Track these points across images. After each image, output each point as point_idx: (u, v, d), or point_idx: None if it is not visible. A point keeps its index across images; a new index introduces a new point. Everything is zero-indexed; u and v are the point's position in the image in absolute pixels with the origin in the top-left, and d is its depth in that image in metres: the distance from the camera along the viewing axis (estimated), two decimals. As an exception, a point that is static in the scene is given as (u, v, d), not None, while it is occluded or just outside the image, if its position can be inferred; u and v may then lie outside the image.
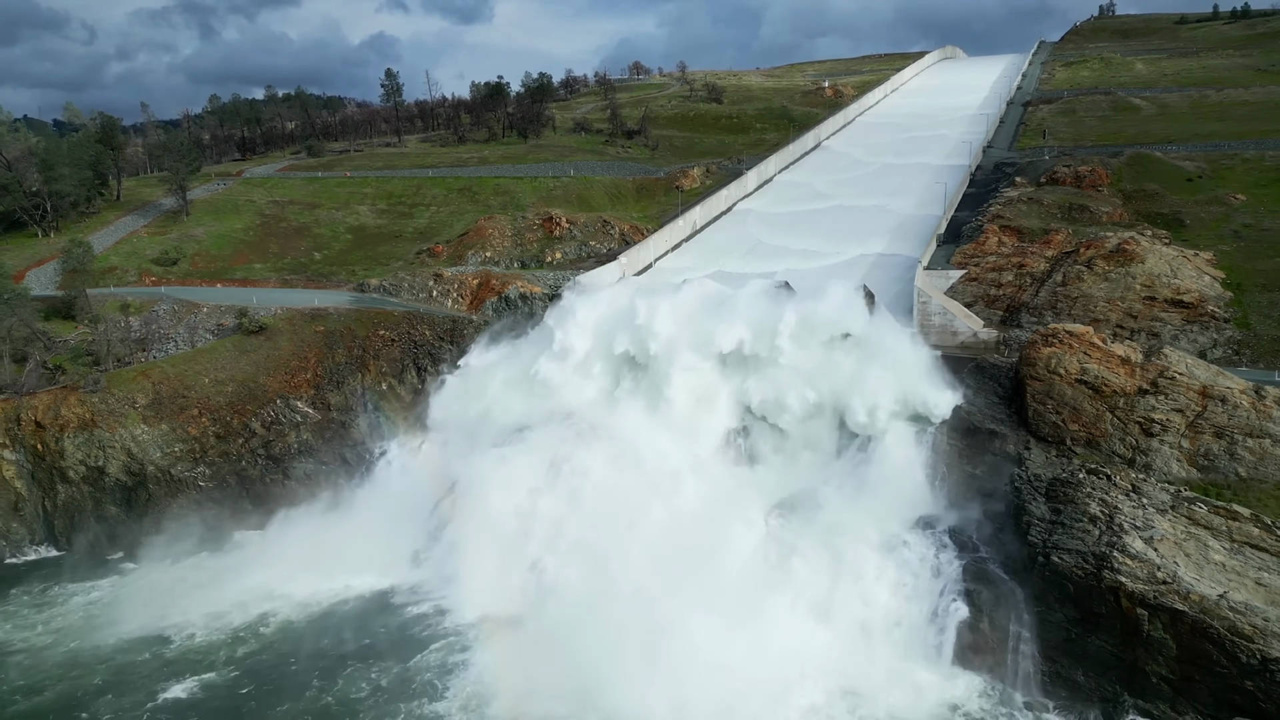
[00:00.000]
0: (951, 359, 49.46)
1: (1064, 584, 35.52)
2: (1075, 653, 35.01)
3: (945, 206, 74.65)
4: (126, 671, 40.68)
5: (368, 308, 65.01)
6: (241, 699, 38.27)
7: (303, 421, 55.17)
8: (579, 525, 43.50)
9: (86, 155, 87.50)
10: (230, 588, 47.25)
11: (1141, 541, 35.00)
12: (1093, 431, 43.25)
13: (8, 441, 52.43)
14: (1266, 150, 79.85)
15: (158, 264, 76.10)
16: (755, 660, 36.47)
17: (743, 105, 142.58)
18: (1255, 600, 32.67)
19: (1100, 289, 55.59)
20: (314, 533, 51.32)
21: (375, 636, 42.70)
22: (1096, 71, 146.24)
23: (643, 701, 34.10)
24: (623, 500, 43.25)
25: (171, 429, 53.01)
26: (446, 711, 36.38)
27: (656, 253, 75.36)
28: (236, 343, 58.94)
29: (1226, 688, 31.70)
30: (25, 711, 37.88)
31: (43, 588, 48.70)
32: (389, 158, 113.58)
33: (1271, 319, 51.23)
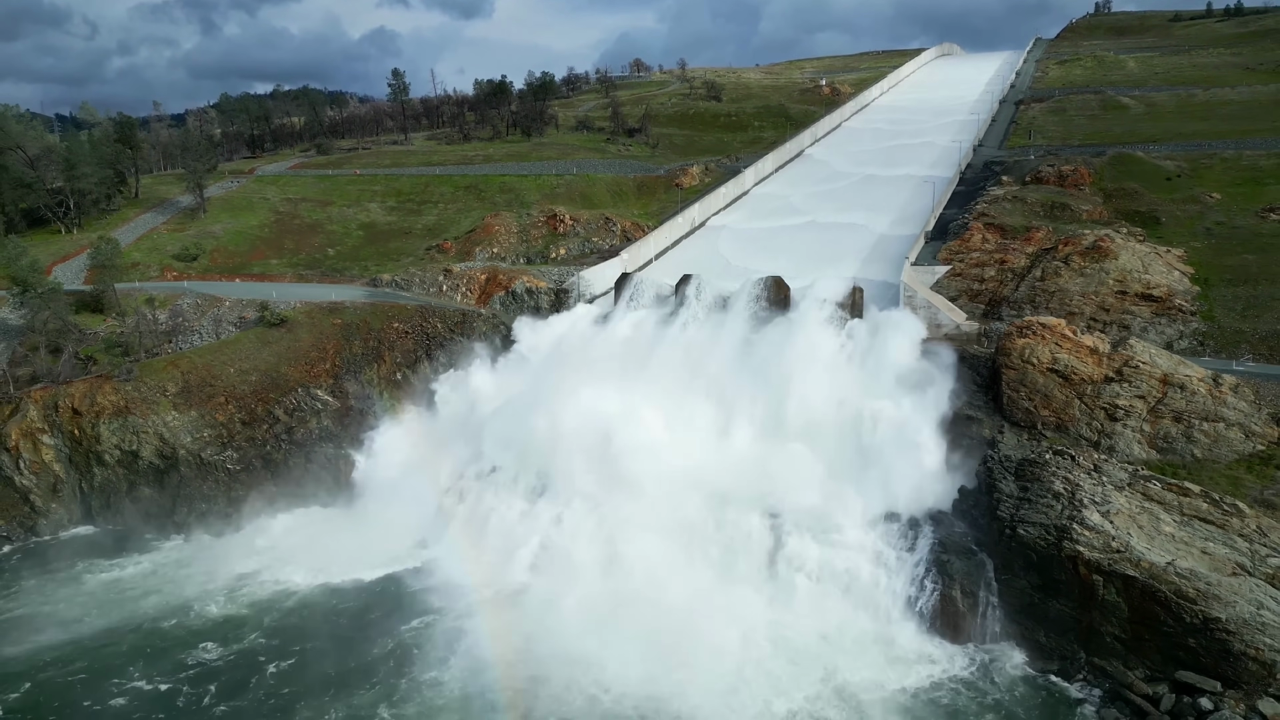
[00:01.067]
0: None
1: (1028, 554, 38.83)
2: (1037, 616, 38.35)
3: (934, 204, 77.64)
4: (155, 639, 43.50)
5: (382, 301, 68.26)
6: (263, 664, 40.93)
7: (323, 409, 58.47)
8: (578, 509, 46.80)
9: (107, 154, 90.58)
10: (255, 562, 50.39)
11: (1099, 515, 38.30)
12: (1062, 417, 46.56)
13: (46, 427, 55.75)
14: (1244, 150, 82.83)
15: (178, 260, 79.27)
16: (742, 624, 39.81)
17: (741, 103, 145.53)
18: (1200, 567, 35.97)
19: (1076, 284, 58.80)
20: (334, 513, 54.87)
21: (389, 609, 45.46)
22: (1089, 70, 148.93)
23: (646, 677, 36.94)
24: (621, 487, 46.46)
25: (200, 415, 56.34)
26: (450, 677, 39.07)
27: (658, 248, 78.55)
28: (259, 334, 62.21)
29: (1172, 645, 35.01)
30: (60, 677, 40.53)
31: (80, 563, 51.75)
32: (396, 155, 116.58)
33: (1234, 312, 54.46)
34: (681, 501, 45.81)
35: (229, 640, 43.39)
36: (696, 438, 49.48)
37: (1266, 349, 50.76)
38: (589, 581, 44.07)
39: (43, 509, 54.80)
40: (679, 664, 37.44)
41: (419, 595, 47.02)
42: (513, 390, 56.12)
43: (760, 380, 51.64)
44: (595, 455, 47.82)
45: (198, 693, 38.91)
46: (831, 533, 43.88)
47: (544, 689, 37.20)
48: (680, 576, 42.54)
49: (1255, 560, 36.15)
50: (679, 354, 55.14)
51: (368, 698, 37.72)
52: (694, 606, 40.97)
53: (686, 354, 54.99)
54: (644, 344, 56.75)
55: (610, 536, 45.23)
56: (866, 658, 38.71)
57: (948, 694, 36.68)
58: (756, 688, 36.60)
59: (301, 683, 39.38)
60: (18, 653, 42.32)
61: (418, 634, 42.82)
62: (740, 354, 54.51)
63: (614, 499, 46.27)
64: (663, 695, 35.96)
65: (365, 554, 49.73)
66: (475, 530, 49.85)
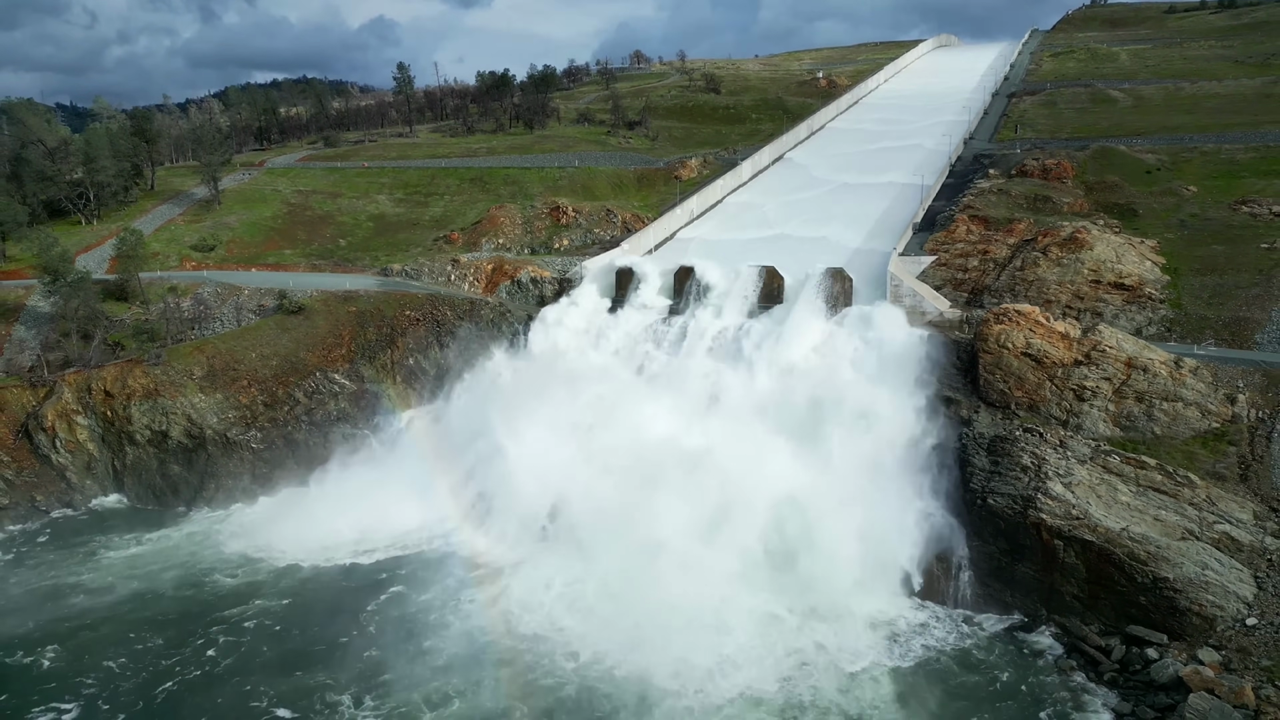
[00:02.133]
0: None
1: (997, 522, 42.29)
2: (1004, 577, 41.84)
3: (921, 197, 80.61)
4: (186, 603, 46.94)
5: (393, 290, 71.47)
6: (287, 622, 44.50)
7: (340, 391, 61.79)
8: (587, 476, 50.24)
9: (124, 147, 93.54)
10: (278, 532, 53.83)
11: (1062, 486, 41.72)
12: (1034, 397, 49.81)
13: (80, 409, 59.08)
14: (1224, 144, 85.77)
15: (196, 250, 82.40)
16: (734, 585, 43.32)
17: (740, 96, 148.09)
18: (1151, 533, 39.40)
19: (1053, 273, 61.97)
20: (351, 487, 58.12)
21: (402, 572, 48.94)
22: (1082, 62, 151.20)
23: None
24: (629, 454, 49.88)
25: (225, 398, 59.68)
26: (449, 640, 42.44)
27: (657, 239, 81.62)
28: (278, 322, 65.46)
29: (1125, 603, 38.50)
30: (97, 637, 43.89)
31: (112, 535, 55.20)
32: (402, 148, 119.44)
33: (1201, 300, 57.66)
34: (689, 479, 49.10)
35: (255, 599, 46.90)
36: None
37: (1228, 334, 53.98)
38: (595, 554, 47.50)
39: (78, 485, 58.22)
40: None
41: (427, 567, 50.34)
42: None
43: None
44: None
45: (214, 653, 42.25)
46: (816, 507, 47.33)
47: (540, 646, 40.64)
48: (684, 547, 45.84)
49: (1203, 526, 39.56)
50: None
51: (371, 657, 40.94)
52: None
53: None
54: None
55: (613, 508, 48.55)
56: (846, 618, 42.11)
57: (921, 648, 40.14)
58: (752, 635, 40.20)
59: (307, 642, 42.73)
60: (51, 616, 45.71)
61: (421, 602, 45.92)
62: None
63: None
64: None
65: (383, 520, 53.23)
66: (481, 509, 53.33)
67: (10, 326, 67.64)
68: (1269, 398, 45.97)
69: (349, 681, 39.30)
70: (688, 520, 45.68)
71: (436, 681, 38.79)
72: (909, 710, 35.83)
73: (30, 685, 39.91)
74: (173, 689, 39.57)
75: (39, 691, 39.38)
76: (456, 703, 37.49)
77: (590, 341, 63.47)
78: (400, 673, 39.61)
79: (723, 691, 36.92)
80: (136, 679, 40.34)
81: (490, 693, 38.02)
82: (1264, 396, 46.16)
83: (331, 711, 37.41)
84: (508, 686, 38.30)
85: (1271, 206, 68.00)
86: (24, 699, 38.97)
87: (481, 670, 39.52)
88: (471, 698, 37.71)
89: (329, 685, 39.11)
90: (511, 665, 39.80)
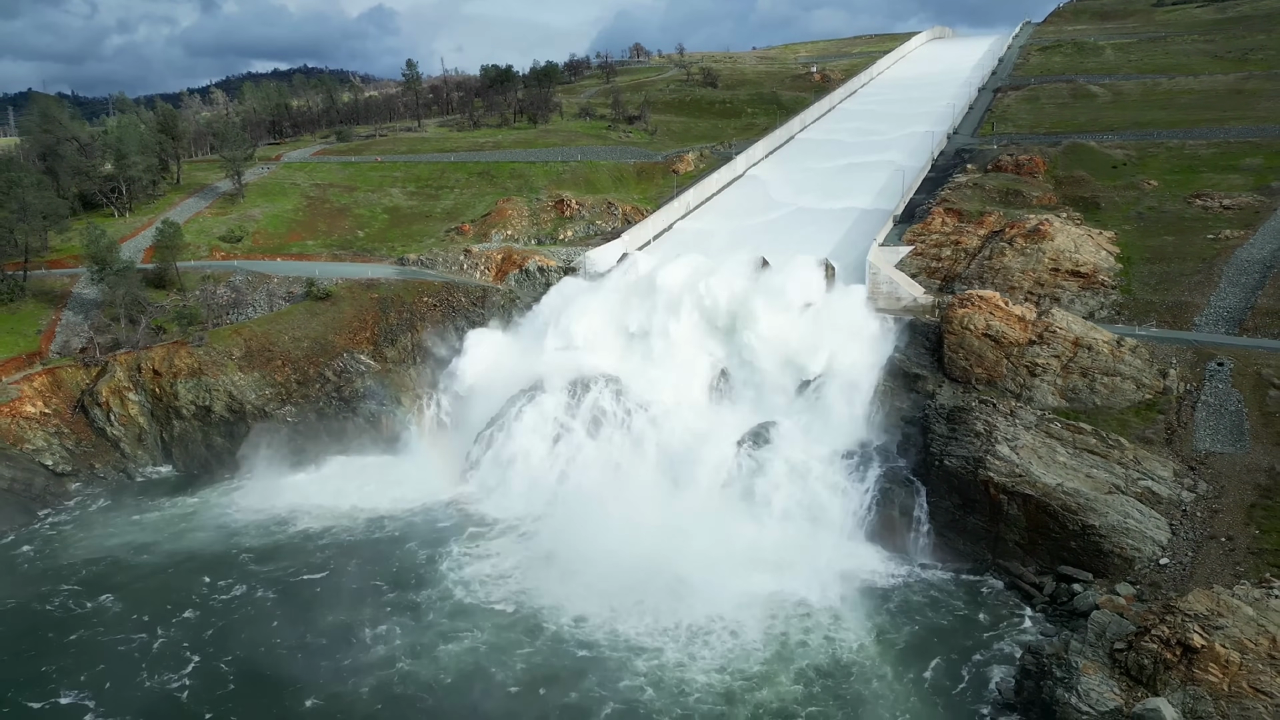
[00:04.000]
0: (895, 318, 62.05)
1: (952, 480, 48.29)
2: (957, 528, 47.88)
3: (902, 192, 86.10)
4: (224, 559, 52.30)
5: (411, 278, 77.24)
6: (319, 573, 50.15)
7: (366, 371, 67.65)
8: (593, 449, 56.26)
9: (152, 142, 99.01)
10: (311, 498, 59.78)
11: (1008, 448, 47.69)
12: (992, 373, 55.71)
13: (131, 386, 64.97)
14: (1188, 139, 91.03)
15: (225, 241, 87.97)
16: (721, 538, 49.37)
17: (736, 90, 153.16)
18: (1083, 488, 45.37)
19: (1018, 262, 67.69)
20: (378, 457, 64.26)
21: (421, 534, 54.55)
22: (1068, 57, 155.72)
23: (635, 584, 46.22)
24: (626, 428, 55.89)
25: (262, 376, 65.59)
26: (465, 588, 48.42)
27: (655, 230, 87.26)
28: (307, 307, 71.29)
29: (1058, 547, 44.50)
30: (150, 584, 49.48)
31: (163, 498, 61.14)
32: (412, 142, 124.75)
33: (1149, 286, 63.45)
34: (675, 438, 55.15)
35: (292, 557, 52.40)
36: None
37: (1170, 317, 59.81)
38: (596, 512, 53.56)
39: (131, 454, 64.23)
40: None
41: (453, 522, 56.39)
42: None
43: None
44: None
45: (254, 596, 48.03)
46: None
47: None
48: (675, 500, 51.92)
49: (1128, 482, 45.53)
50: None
51: (391, 601, 46.75)
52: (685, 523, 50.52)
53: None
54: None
55: (614, 471, 54.58)
56: (818, 567, 48.08)
57: (886, 588, 46.20)
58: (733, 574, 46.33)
59: (339, 589, 48.33)
60: (106, 569, 51.52)
61: (444, 554, 51.79)
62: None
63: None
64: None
65: (407, 488, 59.31)
66: (500, 470, 59.37)
67: (60, 312, 73.42)
68: (1196, 372, 51.87)
69: (375, 618, 45.06)
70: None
71: (452, 618, 44.84)
72: (874, 637, 41.79)
73: (96, 623, 45.71)
74: (218, 623, 45.37)
75: (105, 626, 45.24)
76: (467, 639, 43.29)
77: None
78: (416, 613, 45.40)
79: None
80: (186, 616, 46.13)
81: (508, 622, 44.17)
82: (1192, 371, 52.06)
83: (358, 640, 43.13)
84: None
85: (1222, 200, 73.57)
86: (93, 634, 44.76)
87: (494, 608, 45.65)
88: (486, 631, 43.71)
89: (358, 620, 44.87)
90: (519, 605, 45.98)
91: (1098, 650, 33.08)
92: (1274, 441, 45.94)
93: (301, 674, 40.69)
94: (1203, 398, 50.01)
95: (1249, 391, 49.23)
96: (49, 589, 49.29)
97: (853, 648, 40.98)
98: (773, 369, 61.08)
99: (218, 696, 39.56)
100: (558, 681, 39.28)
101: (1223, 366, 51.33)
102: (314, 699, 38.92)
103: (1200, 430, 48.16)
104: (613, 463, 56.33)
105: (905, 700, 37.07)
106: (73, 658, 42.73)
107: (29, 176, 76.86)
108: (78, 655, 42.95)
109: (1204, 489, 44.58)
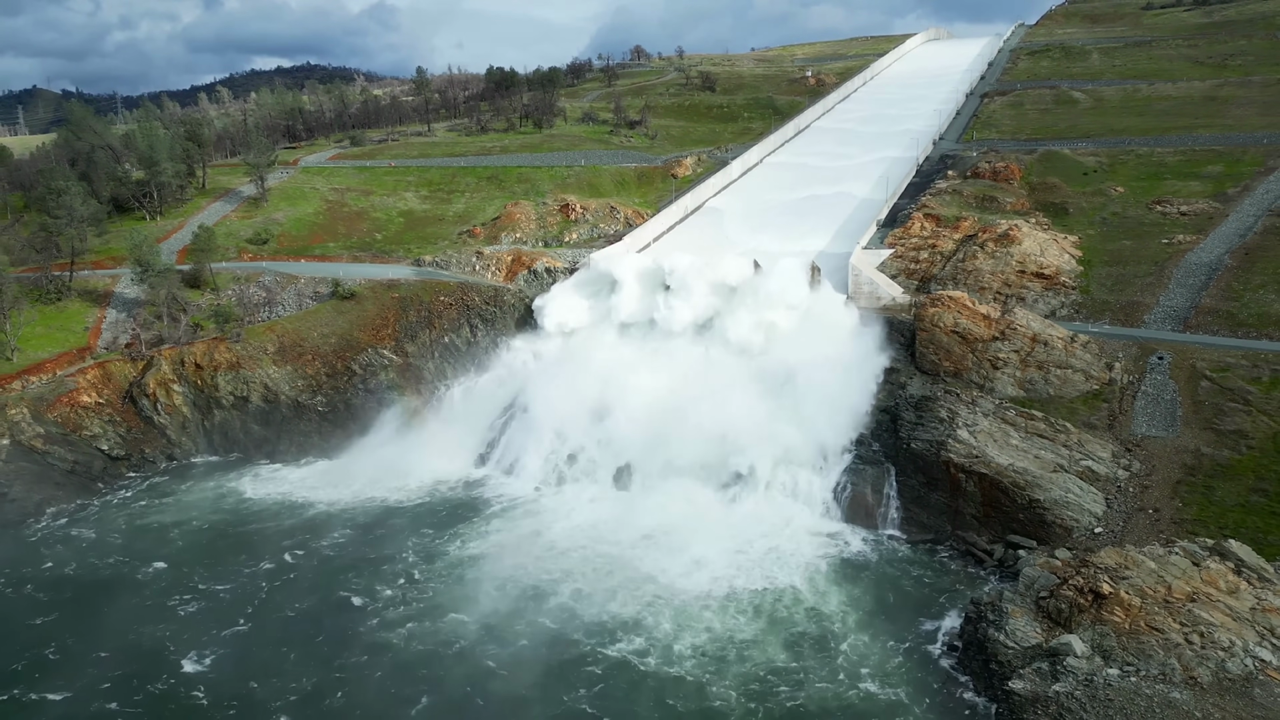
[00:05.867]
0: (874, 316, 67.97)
1: (918, 460, 54.26)
2: (922, 504, 53.88)
3: (889, 195, 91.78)
4: (259, 535, 57.87)
5: (428, 279, 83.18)
6: (350, 549, 55.61)
7: (389, 364, 73.67)
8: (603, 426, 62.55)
9: (179, 150, 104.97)
10: (341, 480, 65.84)
11: (967, 433, 53.65)
12: (959, 366, 61.62)
13: (175, 378, 71.01)
14: (1157, 147, 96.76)
15: (251, 243, 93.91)
16: (712, 511, 55.48)
17: (733, 95, 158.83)
18: (1031, 467, 51.34)
19: (988, 264, 73.57)
20: (400, 443, 70.24)
21: (440, 510, 60.41)
22: (1056, 61, 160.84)
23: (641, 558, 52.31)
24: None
25: (294, 369, 71.61)
26: (496, 545, 54.83)
27: (654, 234, 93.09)
28: (333, 306, 77.29)
29: (1008, 519, 50.48)
30: (193, 557, 55.01)
31: (206, 481, 67.24)
32: (423, 147, 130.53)
33: (1106, 287, 69.30)
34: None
35: (323, 534, 58.05)
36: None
37: (1123, 315, 65.66)
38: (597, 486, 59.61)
39: (176, 441, 70.32)
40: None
41: (475, 498, 62.41)
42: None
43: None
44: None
45: (288, 565, 53.75)
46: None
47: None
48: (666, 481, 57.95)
49: (1070, 462, 51.48)
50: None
51: (412, 561, 53.06)
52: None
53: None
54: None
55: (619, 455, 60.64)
56: (797, 537, 54.14)
57: (858, 556, 52.23)
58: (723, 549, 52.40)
59: (366, 553, 54.39)
60: (156, 541, 57.32)
61: (470, 521, 58.08)
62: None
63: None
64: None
65: (430, 470, 65.40)
66: (515, 451, 65.54)
67: (104, 310, 79.45)
68: (1139, 365, 57.80)
69: (401, 580, 51.16)
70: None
71: (469, 570, 51.20)
72: (846, 596, 47.74)
73: (145, 591, 51.24)
74: (261, 586, 50.99)
75: (154, 594, 50.84)
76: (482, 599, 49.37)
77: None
78: (437, 570, 51.74)
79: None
80: (230, 583, 51.65)
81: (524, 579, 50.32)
82: (1135, 365, 57.98)
83: (392, 594, 49.20)
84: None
85: (1180, 206, 79.42)
86: (141, 601, 50.21)
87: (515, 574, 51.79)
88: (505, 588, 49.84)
89: (389, 576, 51.10)
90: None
91: (1025, 599, 39.07)
92: (1202, 426, 51.88)
93: (331, 631, 46.25)
94: (1143, 388, 55.93)
95: (1184, 382, 55.15)
96: (107, 557, 55.29)
97: (829, 604, 46.96)
98: (761, 361, 66.94)
99: (267, 644, 45.38)
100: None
101: (1162, 360, 57.23)
102: (349, 652, 44.92)
103: (1139, 417, 54.10)
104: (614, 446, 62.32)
105: (870, 645, 43.02)
106: (130, 615, 48.39)
107: (74, 185, 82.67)
108: (135, 612, 48.70)
109: (1137, 468, 50.54)
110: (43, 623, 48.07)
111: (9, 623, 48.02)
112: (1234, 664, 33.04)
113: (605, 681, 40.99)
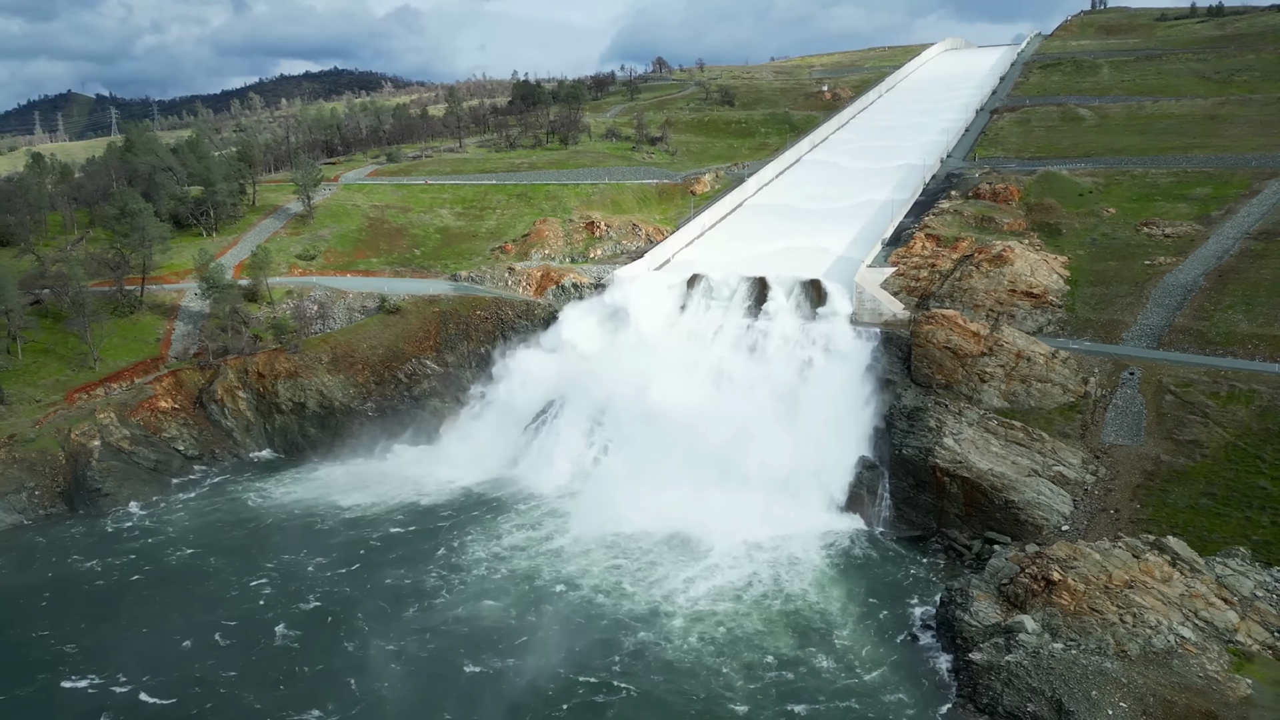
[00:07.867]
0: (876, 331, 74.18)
1: (908, 464, 60.56)
2: (911, 503, 60.19)
3: (891, 217, 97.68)
4: (313, 528, 64.93)
5: (465, 294, 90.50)
6: (395, 543, 62.32)
7: (431, 373, 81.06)
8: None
9: (234, 169, 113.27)
10: (389, 478, 73.27)
11: (953, 440, 59.87)
12: (950, 379, 67.68)
13: (240, 385, 78.89)
14: (1152, 168, 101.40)
15: (300, 259, 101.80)
16: (724, 511, 62.08)
17: (751, 110, 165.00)
18: (1009, 472, 57.46)
19: (982, 283, 79.37)
20: (442, 445, 77.59)
21: (484, 502, 67.70)
22: (1067, 76, 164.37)
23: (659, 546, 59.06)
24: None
25: (346, 378, 79.21)
26: (527, 540, 61.78)
27: (671, 251, 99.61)
28: (380, 320, 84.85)
29: (987, 517, 56.65)
30: (257, 542, 62.37)
31: (270, 478, 74.95)
32: (455, 163, 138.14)
33: (1089, 305, 74.92)
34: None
35: (370, 527, 65.14)
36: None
37: (1104, 333, 71.32)
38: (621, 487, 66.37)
39: (241, 442, 78.20)
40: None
41: (508, 496, 69.45)
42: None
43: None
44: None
45: (340, 556, 60.47)
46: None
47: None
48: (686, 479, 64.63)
49: (1044, 468, 57.53)
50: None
51: (455, 548, 60.31)
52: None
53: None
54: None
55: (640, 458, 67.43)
56: (800, 531, 60.56)
57: (853, 549, 58.62)
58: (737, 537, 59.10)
59: (418, 548, 61.12)
60: (221, 535, 64.48)
61: (511, 513, 65.21)
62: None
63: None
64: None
65: (469, 471, 72.55)
66: (545, 455, 72.62)
67: (172, 322, 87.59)
68: (1112, 380, 63.63)
69: (442, 566, 58.19)
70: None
71: (498, 565, 58.27)
72: (841, 583, 54.21)
73: (209, 577, 58.32)
74: (312, 572, 58.26)
75: (217, 581, 57.71)
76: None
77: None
78: (479, 555, 58.84)
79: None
80: (285, 570, 58.64)
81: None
82: (1109, 379, 63.82)
83: (435, 583, 56.18)
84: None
85: (1165, 228, 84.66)
86: (205, 587, 57.04)
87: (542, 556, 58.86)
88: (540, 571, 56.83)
89: (431, 564, 58.09)
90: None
91: (990, 585, 45.36)
92: (1163, 436, 57.69)
93: (379, 610, 53.05)
94: (1114, 401, 61.79)
95: (1150, 396, 60.94)
96: (184, 544, 62.81)
97: (825, 589, 53.52)
98: (769, 373, 73.44)
99: (336, 618, 52.59)
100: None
101: (1133, 375, 63.03)
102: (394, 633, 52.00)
103: (1108, 427, 59.99)
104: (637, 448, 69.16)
105: (857, 625, 49.44)
106: (205, 590, 55.87)
107: (145, 206, 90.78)
108: (212, 588, 56.26)
109: (1103, 473, 56.49)
110: (135, 600, 55.49)
111: (110, 605, 55.18)
112: (1159, 640, 39.19)
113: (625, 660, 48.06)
